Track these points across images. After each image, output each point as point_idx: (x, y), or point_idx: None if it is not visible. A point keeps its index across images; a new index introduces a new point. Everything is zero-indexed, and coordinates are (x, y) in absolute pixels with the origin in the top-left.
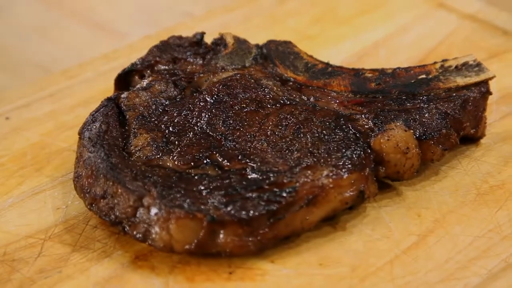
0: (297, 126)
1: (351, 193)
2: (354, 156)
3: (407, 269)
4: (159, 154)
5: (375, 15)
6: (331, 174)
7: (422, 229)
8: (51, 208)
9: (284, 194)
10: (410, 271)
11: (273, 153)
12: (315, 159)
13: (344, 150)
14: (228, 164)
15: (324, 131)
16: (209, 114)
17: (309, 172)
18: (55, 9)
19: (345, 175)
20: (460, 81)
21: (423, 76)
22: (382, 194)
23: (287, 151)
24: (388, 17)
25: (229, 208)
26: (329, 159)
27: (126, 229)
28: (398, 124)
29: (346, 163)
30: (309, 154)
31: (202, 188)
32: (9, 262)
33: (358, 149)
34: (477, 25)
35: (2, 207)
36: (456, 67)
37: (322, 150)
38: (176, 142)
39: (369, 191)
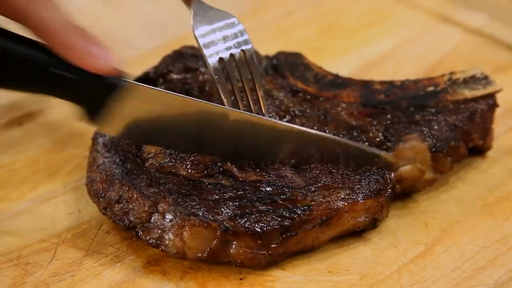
0: None
1: (365, 219)
2: (372, 182)
3: (414, 278)
4: (171, 162)
5: (381, 28)
6: (347, 197)
7: (430, 238)
8: (64, 213)
9: (299, 212)
10: (418, 280)
11: (287, 167)
12: (333, 179)
13: (362, 173)
14: (243, 175)
15: None
16: None
17: (325, 192)
18: None
19: (361, 201)
20: (468, 93)
21: (432, 88)
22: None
23: (302, 168)
24: (394, 30)
25: (243, 220)
26: (346, 181)
27: (139, 234)
28: (415, 135)
29: (364, 188)
30: (326, 172)
31: (217, 197)
32: (23, 265)
33: (377, 174)
34: (481, 39)
35: (16, 211)
36: (464, 79)
37: (340, 170)
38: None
39: (381, 216)
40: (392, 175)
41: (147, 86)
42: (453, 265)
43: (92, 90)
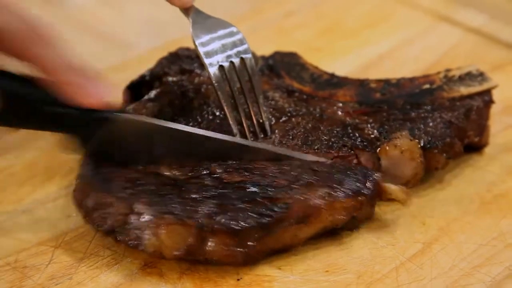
0: (305, 135)
1: (343, 217)
2: (353, 181)
3: (412, 276)
4: (158, 162)
5: (380, 28)
6: (325, 195)
7: (427, 237)
8: (61, 216)
9: (276, 209)
10: (415, 278)
11: (274, 168)
12: (315, 177)
13: (345, 172)
14: (226, 176)
15: (332, 139)
16: (216, 125)
17: (305, 190)
18: (64, 21)
19: (340, 199)
20: (464, 90)
21: (427, 86)
22: (386, 203)
23: (285, 166)
24: (393, 30)
25: (219, 217)
26: (328, 179)
27: (118, 238)
28: (403, 133)
29: (344, 187)
30: (308, 170)
31: (195, 196)
32: (20, 269)
33: (360, 173)
34: (481, 38)
35: (14, 215)
36: (460, 76)
37: (323, 168)
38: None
39: (362, 215)
40: (377, 175)
41: (137, 116)
42: (450, 263)
43: (85, 124)
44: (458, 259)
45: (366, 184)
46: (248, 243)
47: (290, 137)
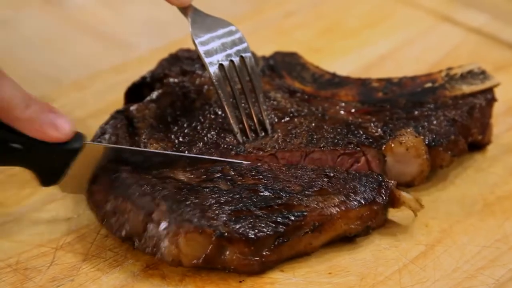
0: (309, 134)
1: (357, 226)
2: (368, 189)
3: (415, 278)
4: (171, 166)
5: (381, 28)
6: (341, 204)
7: (430, 238)
8: (62, 218)
9: (292, 218)
10: (418, 280)
11: (286, 170)
12: (329, 183)
13: (360, 179)
14: (240, 178)
15: (337, 137)
16: (220, 126)
17: (320, 197)
18: (64, 22)
19: (355, 208)
20: (466, 88)
21: (429, 84)
22: None
23: (299, 170)
24: (394, 30)
25: (237, 226)
26: (342, 187)
27: (135, 244)
28: (408, 130)
29: (359, 195)
30: (322, 175)
31: (213, 202)
32: (22, 270)
33: (375, 181)
34: (482, 38)
35: (15, 216)
36: (462, 75)
37: (337, 173)
38: (187, 153)
39: (375, 224)
40: (392, 183)
41: (101, 144)
42: (453, 265)
43: (51, 157)
44: (461, 261)
45: (381, 193)
46: (264, 252)
47: (294, 136)
